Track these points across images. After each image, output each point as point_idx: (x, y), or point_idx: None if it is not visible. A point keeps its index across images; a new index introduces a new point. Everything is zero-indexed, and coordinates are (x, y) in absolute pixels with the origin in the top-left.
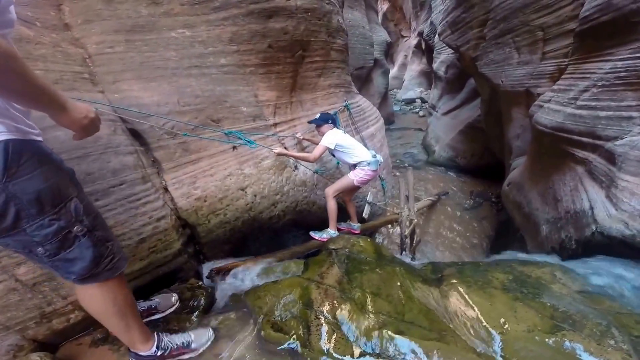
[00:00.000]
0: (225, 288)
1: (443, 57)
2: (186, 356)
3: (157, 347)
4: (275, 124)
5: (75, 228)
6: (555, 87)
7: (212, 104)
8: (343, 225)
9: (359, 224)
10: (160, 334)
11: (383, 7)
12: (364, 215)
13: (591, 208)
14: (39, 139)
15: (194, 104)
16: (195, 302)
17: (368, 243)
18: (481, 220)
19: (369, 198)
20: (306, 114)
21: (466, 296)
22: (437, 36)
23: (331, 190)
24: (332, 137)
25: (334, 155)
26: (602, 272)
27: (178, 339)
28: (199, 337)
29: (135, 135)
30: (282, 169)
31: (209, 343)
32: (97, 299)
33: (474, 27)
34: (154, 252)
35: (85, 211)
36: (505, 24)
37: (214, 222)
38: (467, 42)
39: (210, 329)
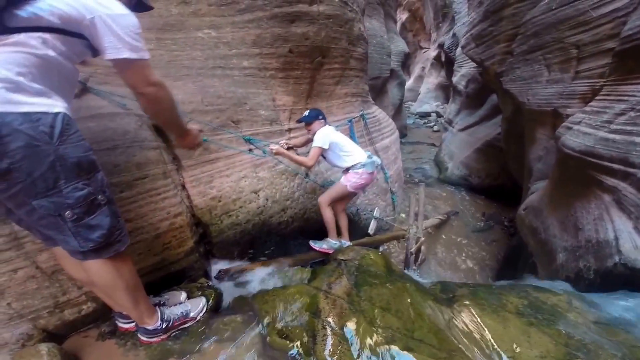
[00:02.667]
0: (231, 290)
1: (464, 70)
2: (186, 324)
3: (161, 320)
4: (290, 129)
5: (99, 196)
6: (587, 108)
7: (233, 105)
8: (324, 247)
9: (350, 242)
10: (161, 307)
11: (402, 16)
12: (369, 231)
13: (616, 239)
14: None
15: (217, 104)
16: None
17: (379, 257)
18: (491, 243)
19: (376, 213)
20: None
21: (478, 318)
22: (459, 49)
23: (324, 199)
24: (324, 135)
25: (324, 158)
26: (620, 304)
27: (177, 310)
28: (195, 306)
29: (159, 131)
30: (295, 174)
31: (205, 309)
32: (108, 273)
33: (501, 42)
34: (168, 249)
35: (107, 184)
36: (536, 39)
37: (226, 222)
38: (493, 57)
39: (204, 298)
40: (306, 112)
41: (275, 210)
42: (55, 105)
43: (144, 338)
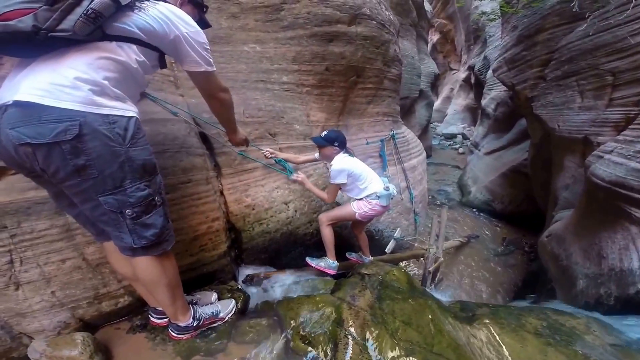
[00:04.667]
0: (257, 294)
1: (494, 94)
2: (215, 324)
3: (194, 318)
4: None
5: (156, 197)
6: (619, 137)
7: (272, 118)
8: (353, 256)
9: (371, 258)
10: (194, 306)
11: (433, 37)
12: (386, 250)
13: None
14: None
15: (257, 116)
16: None
17: (402, 273)
18: (509, 268)
19: (397, 234)
20: (350, 139)
21: (497, 336)
22: (489, 71)
23: (325, 218)
24: (341, 170)
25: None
26: (638, 328)
27: (208, 310)
28: (225, 307)
29: (204, 139)
30: (323, 189)
31: (233, 311)
32: (153, 269)
33: (534, 66)
34: (203, 251)
35: (163, 186)
36: (570, 65)
37: (257, 230)
38: (525, 81)
39: (233, 300)
40: (324, 132)
41: (303, 222)
42: (130, 109)
43: (174, 334)
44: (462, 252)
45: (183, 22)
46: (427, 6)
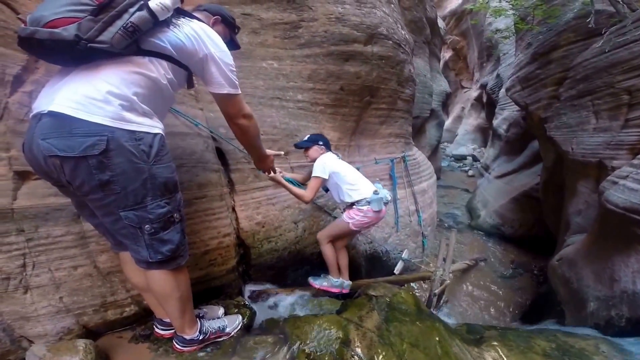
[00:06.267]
0: (262, 311)
1: (506, 113)
2: (220, 339)
3: (200, 332)
4: None
5: (175, 214)
6: (635, 161)
7: (286, 136)
8: (317, 283)
9: (350, 282)
10: (201, 319)
11: (446, 55)
12: (395, 271)
13: None
14: None
15: (271, 134)
16: None
17: (409, 295)
18: (517, 290)
19: (405, 255)
20: (362, 160)
21: (505, 358)
22: (502, 90)
23: (323, 236)
24: (323, 163)
25: (325, 191)
26: None
27: (215, 324)
28: (231, 322)
29: (220, 154)
30: (333, 209)
31: (240, 327)
32: (167, 283)
33: (548, 85)
34: (213, 265)
35: (183, 204)
36: (585, 84)
37: (266, 247)
38: (538, 101)
39: (239, 316)
40: (306, 137)
41: (310, 242)
42: (156, 126)
43: (178, 346)
44: (469, 275)
45: (212, 43)
46: (440, 22)
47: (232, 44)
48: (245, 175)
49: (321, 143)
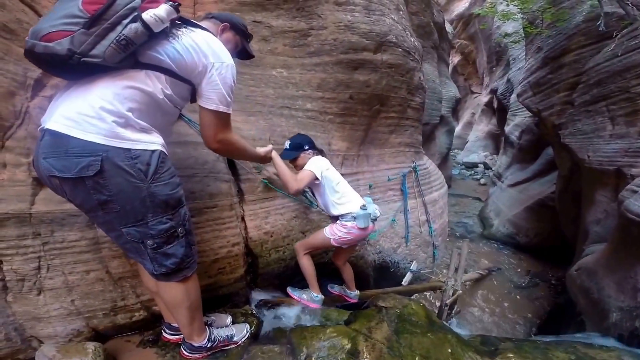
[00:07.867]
0: (269, 320)
1: (518, 120)
2: (228, 347)
3: (208, 340)
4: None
5: (179, 229)
6: None
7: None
8: (336, 289)
9: (357, 292)
10: (210, 327)
11: (454, 59)
12: (403, 282)
13: None
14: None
15: (281, 143)
16: None
17: (420, 307)
18: (534, 300)
19: (413, 266)
20: (371, 170)
21: None
22: (513, 96)
23: (299, 247)
24: (318, 164)
25: (313, 195)
26: None
27: (223, 332)
28: (239, 331)
29: (231, 165)
30: None
31: (247, 336)
32: (177, 292)
33: (561, 91)
34: (221, 273)
35: (188, 217)
36: (599, 89)
37: (274, 257)
38: (551, 107)
39: (247, 325)
40: (287, 143)
41: (318, 252)
42: (154, 142)
43: (186, 353)
44: (482, 285)
45: (213, 53)
46: (448, 27)
47: (245, 53)
48: (255, 185)
49: (307, 147)
